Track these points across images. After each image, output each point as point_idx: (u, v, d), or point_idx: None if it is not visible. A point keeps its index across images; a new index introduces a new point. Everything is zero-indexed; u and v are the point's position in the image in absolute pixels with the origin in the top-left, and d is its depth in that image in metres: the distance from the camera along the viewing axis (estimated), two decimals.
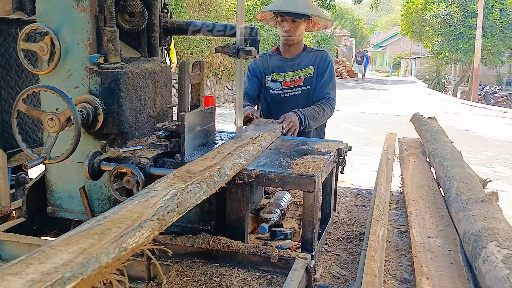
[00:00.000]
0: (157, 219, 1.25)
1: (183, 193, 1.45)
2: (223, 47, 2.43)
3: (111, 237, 1.08)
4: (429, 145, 3.81)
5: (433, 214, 2.66)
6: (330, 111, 2.99)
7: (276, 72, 3.05)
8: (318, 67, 3.01)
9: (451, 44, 26.20)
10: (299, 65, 3.05)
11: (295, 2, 2.90)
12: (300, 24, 2.95)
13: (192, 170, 1.73)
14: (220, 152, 2.09)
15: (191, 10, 13.35)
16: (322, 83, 3.00)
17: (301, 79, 3.04)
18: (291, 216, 2.69)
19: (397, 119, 13.98)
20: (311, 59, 3.06)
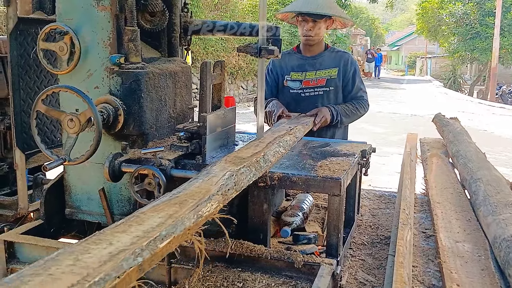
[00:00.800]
0: (221, 194, 1.49)
1: (237, 174, 1.66)
2: (245, 46, 2.38)
3: (189, 206, 1.32)
4: (452, 146, 3.73)
5: (460, 217, 2.58)
6: (363, 110, 3.01)
7: (296, 71, 2.99)
8: (344, 70, 2.97)
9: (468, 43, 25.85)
10: (321, 64, 3.00)
11: (316, 2, 2.88)
12: (321, 24, 2.92)
13: (240, 156, 1.93)
14: (262, 142, 2.22)
15: (207, 10, 13.34)
16: (355, 87, 3.00)
17: (323, 79, 2.98)
18: (313, 219, 2.63)
19: (415, 118, 13.84)
20: (334, 60, 3.01)
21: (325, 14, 2.86)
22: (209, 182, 1.54)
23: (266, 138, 2.28)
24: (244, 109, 14.46)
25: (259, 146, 2.11)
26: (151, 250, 1.05)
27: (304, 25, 2.91)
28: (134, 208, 2.39)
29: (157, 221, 1.18)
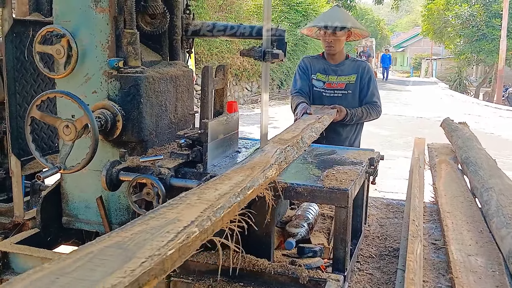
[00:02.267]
0: (277, 164, 1.97)
1: (285, 151, 2.12)
2: (248, 50, 2.29)
3: (258, 170, 1.79)
4: (461, 152, 3.63)
5: (471, 228, 2.48)
6: (376, 114, 3.40)
7: (321, 73, 3.40)
8: (361, 77, 3.37)
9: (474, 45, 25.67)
10: (343, 71, 3.39)
11: (336, 17, 3.31)
12: (341, 36, 3.31)
13: (283, 138, 2.37)
14: (297, 128, 2.61)
15: (211, 11, 13.26)
16: (370, 92, 3.37)
17: (343, 83, 3.37)
18: (319, 229, 2.54)
19: (420, 121, 13.71)
20: (353, 68, 3.40)
21: (344, 27, 3.27)
22: (267, 156, 2.01)
23: (300, 125, 2.69)
24: (249, 111, 14.37)
25: (295, 131, 2.53)
26: (243, 194, 1.54)
27: (326, 38, 3.31)
28: (133, 217, 2.30)
29: (240, 179, 1.67)
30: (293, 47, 17.13)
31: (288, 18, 16.28)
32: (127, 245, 1.01)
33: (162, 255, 0.98)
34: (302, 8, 17.14)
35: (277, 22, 15.46)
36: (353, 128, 3.43)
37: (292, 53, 17.23)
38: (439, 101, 20.68)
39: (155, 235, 1.08)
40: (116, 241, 1.03)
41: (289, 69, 17.58)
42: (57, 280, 0.81)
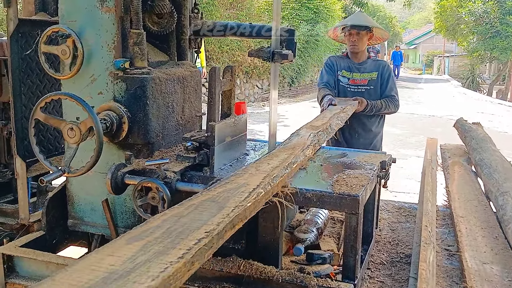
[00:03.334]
0: (312, 146, 2.29)
1: (317, 135, 2.42)
2: (257, 50, 2.23)
3: (298, 150, 2.10)
4: (475, 154, 3.54)
5: (486, 234, 2.41)
6: (394, 108, 3.68)
7: (346, 71, 3.72)
8: (382, 74, 3.71)
9: (487, 42, 25.36)
10: (365, 69, 3.72)
11: (359, 19, 3.75)
12: (363, 36, 3.64)
13: (314, 125, 2.62)
14: (325, 117, 2.90)
15: (223, 8, 13.20)
16: (389, 87, 3.70)
17: (365, 80, 3.70)
18: (329, 233, 2.48)
19: (433, 119, 13.57)
20: (374, 66, 3.74)
21: (365, 25, 3.63)
22: (303, 139, 2.30)
23: (327, 114, 2.99)
24: (259, 108, 14.30)
25: (324, 119, 2.81)
26: (290, 167, 1.89)
27: (351, 38, 3.65)
28: (139, 221, 2.26)
29: (285, 156, 1.99)
30: (304, 45, 17.01)
31: (299, 15, 16.18)
32: (217, 199, 1.43)
33: (243, 206, 1.39)
34: (314, 5, 17.01)
35: (288, 19, 15.38)
36: (377, 120, 3.75)
37: (303, 50, 17.13)
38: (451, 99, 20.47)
39: (234, 194, 1.49)
40: (208, 197, 1.45)
41: (300, 66, 17.48)
42: (180, 219, 1.23)
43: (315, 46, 17.85)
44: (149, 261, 0.97)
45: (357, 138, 3.64)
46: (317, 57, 19.14)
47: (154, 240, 1.08)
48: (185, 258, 1.00)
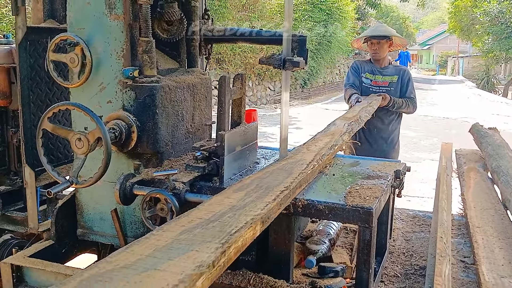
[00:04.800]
0: (348, 133, 2.70)
1: (350, 125, 2.83)
2: (267, 58, 2.19)
3: (337, 135, 2.53)
4: (491, 160, 3.46)
5: (504, 246, 2.34)
6: (412, 108, 4.08)
7: (369, 73, 4.15)
8: (402, 78, 4.12)
9: (503, 42, 25.02)
10: (387, 73, 4.14)
11: (379, 30, 4.19)
12: (383, 44, 4.09)
13: (347, 116, 3.10)
14: (354, 110, 3.34)
15: (235, 11, 13.17)
16: (408, 90, 4.11)
17: (386, 82, 4.10)
18: (341, 243, 2.43)
19: (447, 121, 13.41)
20: (395, 70, 4.17)
21: (384, 35, 4.08)
22: (339, 127, 2.74)
23: (357, 108, 3.44)
24: (271, 110, 14.25)
25: (354, 112, 3.26)
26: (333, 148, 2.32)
27: (372, 46, 4.11)
28: (148, 230, 2.23)
29: (328, 140, 2.45)
30: (317, 46, 16.93)
31: (312, 16, 16.09)
32: (285, 168, 1.94)
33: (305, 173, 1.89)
34: (326, 6, 16.91)
35: (300, 21, 15.31)
36: (394, 117, 4.12)
37: (315, 52, 17.04)
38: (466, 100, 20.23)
39: (296, 165, 1.98)
40: (277, 167, 1.97)
41: (313, 68, 17.39)
42: (263, 180, 1.73)
43: (327, 47, 17.75)
44: (254, 201, 1.52)
45: (377, 132, 4.03)
46: (329, 58, 19.05)
47: (251, 191, 1.63)
48: (276, 201, 1.54)
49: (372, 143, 4.00)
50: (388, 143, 4.07)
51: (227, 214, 1.39)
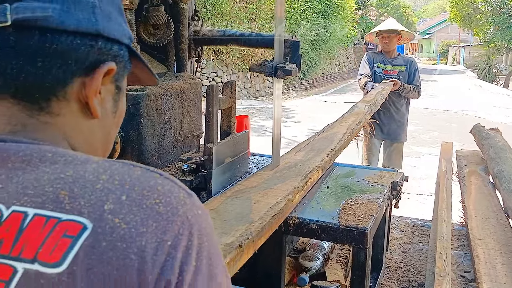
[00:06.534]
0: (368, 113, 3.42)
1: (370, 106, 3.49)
2: (258, 65, 2.08)
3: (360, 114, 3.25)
4: (493, 164, 3.36)
5: (506, 261, 2.24)
6: (418, 94, 4.69)
7: (380, 63, 4.69)
8: (409, 67, 4.69)
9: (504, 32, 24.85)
10: (396, 63, 4.69)
11: (389, 25, 4.84)
12: (393, 38, 4.65)
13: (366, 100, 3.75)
14: (371, 94, 3.93)
15: (232, 2, 13.01)
16: (415, 78, 4.68)
17: (396, 71, 4.64)
18: (336, 257, 2.33)
19: (447, 114, 13.30)
20: (404, 61, 4.74)
21: (394, 30, 4.67)
22: (360, 109, 3.39)
23: (373, 92, 4.01)
24: (270, 103, 14.12)
25: (371, 96, 3.88)
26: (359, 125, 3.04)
27: (383, 40, 4.68)
28: None
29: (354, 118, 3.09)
30: (316, 37, 16.76)
31: (311, 7, 15.91)
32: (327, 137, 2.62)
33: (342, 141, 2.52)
34: None
35: (299, 12, 15.13)
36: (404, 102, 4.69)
37: (314, 43, 16.88)
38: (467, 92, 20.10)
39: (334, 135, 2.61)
40: (320, 137, 2.67)
41: (312, 59, 17.23)
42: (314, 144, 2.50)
43: (326, 39, 17.58)
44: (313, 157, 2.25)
45: (389, 115, 4.58)
46: (328, 49, 18.88)
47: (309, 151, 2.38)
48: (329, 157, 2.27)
49: (385, 124, 4.58)
50: (399, 125, 4.68)
51: (298, 164, 2.16)
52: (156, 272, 0.50)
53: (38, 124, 0.60)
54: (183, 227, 0.53)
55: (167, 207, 0.53)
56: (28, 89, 0.59)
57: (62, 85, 0.60)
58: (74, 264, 0.48)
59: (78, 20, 0.59)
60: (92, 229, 0.50)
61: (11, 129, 0.59)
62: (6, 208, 0.51)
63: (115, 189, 0.53)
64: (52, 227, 0.50)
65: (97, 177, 0.54)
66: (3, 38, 0.57)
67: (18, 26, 0.56)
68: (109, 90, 0.66)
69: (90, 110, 0.63)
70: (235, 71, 13.52)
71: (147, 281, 0.49)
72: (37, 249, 0.49)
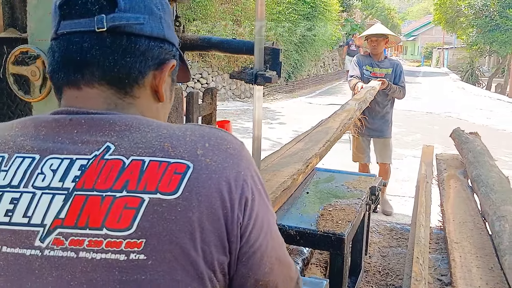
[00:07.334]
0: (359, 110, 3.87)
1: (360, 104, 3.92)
2: (239, 72, 2.10)
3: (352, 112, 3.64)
4: (472, 168, 3.42)
5: (481, 264, 2.29)
6: (403, 94, 5.00)
7: (369, 66, 5.01)
8: (395, 70, 5.03)
9: (487, 35, 25.11)
10: (383, 66, 5.01)
11: (377, 29, 5.13)
12: (380, 41, 4.99)
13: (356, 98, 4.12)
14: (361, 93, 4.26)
15: (217, 3, 13.00)
16: (400, 80, 5.00)
17: (383, 73, 4.96)
18: (316, 261, 2.36)
19: (430, 116, 13.43)
20: (390, 64, 5.06)
21: (381, 34, 5.00)
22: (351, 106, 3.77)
23: (363, 91, 4.36)
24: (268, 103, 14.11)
25: (361, 95, 4.21)
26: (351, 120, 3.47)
27: (371, 43, 4.99)
28: None
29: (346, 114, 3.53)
30: (301, 39, 16.82)
31: (296, 9, 15.97)
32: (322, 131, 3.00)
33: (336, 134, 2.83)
34: None
35: (284, 14, 15.18)
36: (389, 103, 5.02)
37: (300, 45, 16.94)
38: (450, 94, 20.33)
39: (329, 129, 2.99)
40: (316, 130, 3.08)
41: (297, 61, 17.29)
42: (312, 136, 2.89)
43: (312, 41, 17.65)
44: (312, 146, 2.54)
45: (375, 114, 4.89)
46: (314, 52, 18.95)
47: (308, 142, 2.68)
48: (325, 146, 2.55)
49: (372, 122, 4.90)
50: (384, 122, 5.01)
51: (299, 152, 2.48)
52: (239, 192, 0.74)
53: (125, 104, 0.81)
54: (247, 163, 0.78)
55: (235, 150, 0.77)
56: (120, 78, 0.80)
57: (142, 75, 0.81)
58: (186, 191, 0.69)
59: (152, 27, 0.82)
60: (193, 167, 0.71)
61: (107, 107, 0.80)
62: (126, 158, 0.72)
63: (199, 140, 0.76)
64: (165, 168, 0.71)
65: (184, 133, 0.76)
66: (101, 39, 0.78)
67: (111, 31, 0.78)
68: (168, 82, 0.87)
69: (158, 96, 0.85)
70: (221, 72, 13.52)
71: (234, 198, 0.73)
72: (157, 183, 0.69)
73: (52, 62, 0.82)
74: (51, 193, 0.71)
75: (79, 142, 0.75)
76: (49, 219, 0.70)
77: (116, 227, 0.68)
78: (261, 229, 0.78)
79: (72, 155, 0.74)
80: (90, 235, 0.68)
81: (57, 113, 0.80)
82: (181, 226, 0.69)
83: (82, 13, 0.78)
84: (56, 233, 0.69)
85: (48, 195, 0.71)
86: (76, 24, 0.79)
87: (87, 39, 0.78)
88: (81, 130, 0.76)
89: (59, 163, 0.73)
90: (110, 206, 0.69)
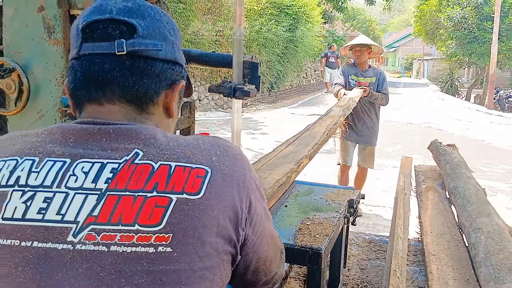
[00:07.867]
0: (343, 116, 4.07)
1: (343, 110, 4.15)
2: (217, 86, 2.10)
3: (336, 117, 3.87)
4: (449, 180, 3.46)
5: (458, 276, 2.31)
6: (385, 101, 5.23)
7: (354, 75, 5.26)
8: (378, 78, 5.29)
9: (466, 47, 25.57)
10: (367, 75, 5.27)
11: (361, 40, 5.40)
12: (364, 51, 5.21)
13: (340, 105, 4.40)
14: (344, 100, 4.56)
15: (200, 14, 13.02)
16: (383, 87, 5.28)
17: (367, 82, 5.20)
18: (295, 275, 2.36)
19: (410, 127, 13.57)
20: (374, 73, 5.31)
21: (365, 44, 5.24)
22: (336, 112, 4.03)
23: (346, 98, 4.64)
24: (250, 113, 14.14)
25: (344, 102, 4.48)
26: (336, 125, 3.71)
27: (355, 53, 5.24)
28: None
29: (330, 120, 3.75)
30: (284, 50, 16.93)
31: (278, 21, 16.07)
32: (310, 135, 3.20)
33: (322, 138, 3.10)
34: (293, 11, 16.90)
35: (266, 25, 15.26)
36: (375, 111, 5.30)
37: (282, 56, 17.03)
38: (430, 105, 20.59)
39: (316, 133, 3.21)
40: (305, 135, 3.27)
41: (280, 72, 17.38)
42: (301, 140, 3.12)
43: (294, 51, 17.77)
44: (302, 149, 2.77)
45: (363, 123, 5.16)
46: (296, 62, 19.07)
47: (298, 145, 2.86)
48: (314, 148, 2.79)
49: (360, 130, 5.16)
50: (371, 131, 5.30)
51: (291, 154, 2.66)
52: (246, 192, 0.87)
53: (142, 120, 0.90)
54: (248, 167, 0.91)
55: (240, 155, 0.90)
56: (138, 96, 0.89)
57: (157, 94, 0.91)
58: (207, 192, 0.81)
59: (166, 52, 0.91)
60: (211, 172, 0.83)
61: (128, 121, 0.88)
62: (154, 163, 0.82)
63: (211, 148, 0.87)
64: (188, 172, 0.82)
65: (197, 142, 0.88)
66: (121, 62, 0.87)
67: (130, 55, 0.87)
68: (176, 99, 0.96)
69: (169, 112, 0.95)
70: (203, 82, 13.52)
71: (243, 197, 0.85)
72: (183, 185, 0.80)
73: (74, 79, 0.90)
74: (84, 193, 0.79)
75: (108, 149, 0.83)
76: (82, 216, 0.77)
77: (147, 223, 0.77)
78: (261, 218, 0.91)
79: (103, 159, 0.82)
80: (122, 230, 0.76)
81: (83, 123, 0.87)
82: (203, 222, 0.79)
83: (104, 37, 0.87)
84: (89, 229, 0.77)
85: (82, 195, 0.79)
86: (98, 47, 0.87)
87: (108, 61, 0.87)
88: (109, 139, 0.84)
89: (90, 166, 0.81)
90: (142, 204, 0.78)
